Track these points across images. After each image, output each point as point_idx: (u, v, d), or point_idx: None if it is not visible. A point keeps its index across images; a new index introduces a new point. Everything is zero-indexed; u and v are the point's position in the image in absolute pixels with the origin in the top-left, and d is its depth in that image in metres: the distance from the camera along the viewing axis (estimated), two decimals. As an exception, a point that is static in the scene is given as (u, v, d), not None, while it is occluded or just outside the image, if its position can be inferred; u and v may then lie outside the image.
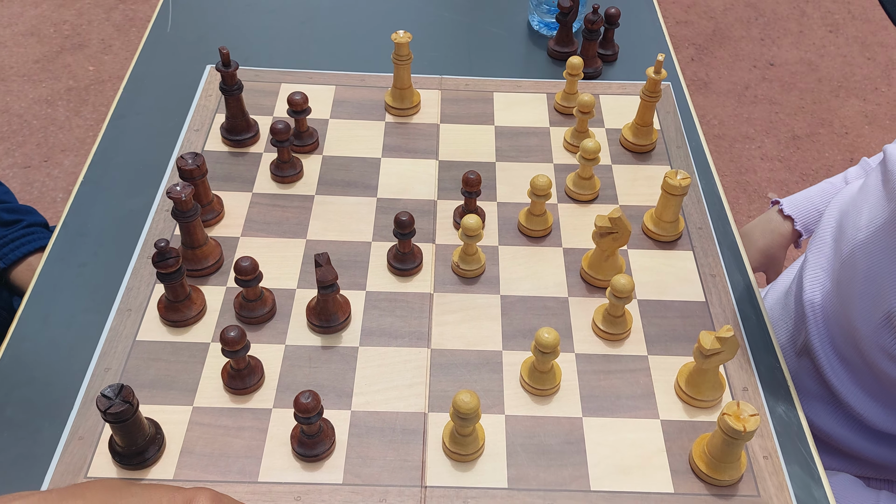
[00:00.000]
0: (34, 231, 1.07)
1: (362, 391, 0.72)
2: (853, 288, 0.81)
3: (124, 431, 0.63)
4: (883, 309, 0.77)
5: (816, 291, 0.88)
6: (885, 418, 0.84)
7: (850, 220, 0.85)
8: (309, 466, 0.67)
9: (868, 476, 0.91)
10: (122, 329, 0.75)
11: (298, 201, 0.88)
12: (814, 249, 0.91)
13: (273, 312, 0.77)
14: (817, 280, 0.88)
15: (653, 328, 0.78)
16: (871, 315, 0.78)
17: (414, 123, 0.98)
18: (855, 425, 0.88)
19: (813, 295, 0.89)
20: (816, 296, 0.88)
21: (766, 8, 2.78)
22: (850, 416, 0.87)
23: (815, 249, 0.90)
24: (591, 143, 0.85)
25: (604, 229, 0.77)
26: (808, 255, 0.92)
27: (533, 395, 0.72)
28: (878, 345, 0.78)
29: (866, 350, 0.80)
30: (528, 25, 1.16)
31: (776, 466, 0.68)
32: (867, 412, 0.84)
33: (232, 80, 0.88)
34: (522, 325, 0.78)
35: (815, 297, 0.88)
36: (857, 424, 0.88)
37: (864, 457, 0.89)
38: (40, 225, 1.09)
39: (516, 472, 0.67)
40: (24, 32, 2.47)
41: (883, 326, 0.77)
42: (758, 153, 2.26)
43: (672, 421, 0.71)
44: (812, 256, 0.90)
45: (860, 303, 0.80)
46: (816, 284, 0.88)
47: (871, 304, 0.78)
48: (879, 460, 0.88)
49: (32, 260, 1.05)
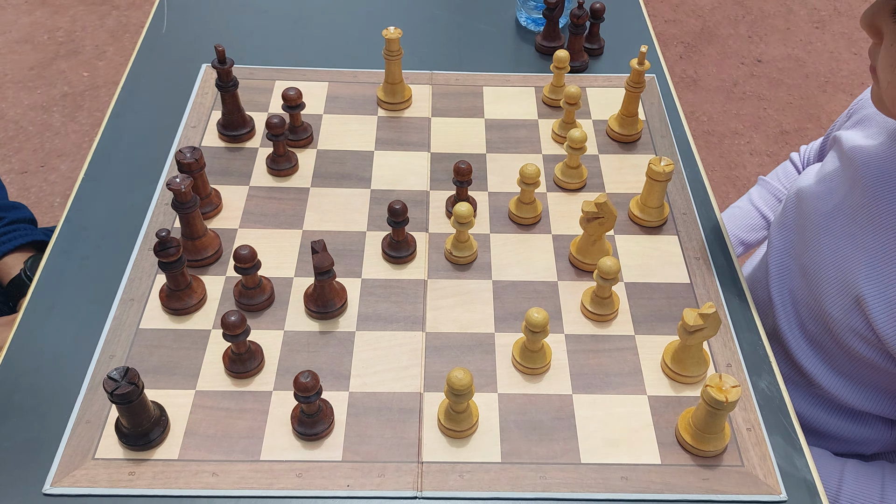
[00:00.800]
0: (16, 228, 1.07)
1: (359, 373, 0.74)
2: (821, 273, 0.83)
3: (130, 413, 0.66)
4: (851, 293, 0.79)
5: (784, 277, 0.90)
6: (859, 397, 0.86)
7: (812, 206, 0.87)
8: (309, 445, 0.69)
9: (842, 452, 0.93)
10: (126, 318, 0.78)
11: (294, 193, 0.91)
12: (778, 236, 0.93)
13: (272, 300, 0.80)
14: (784, 265, 0.90)
15: (639, 309, 0.81)
16: (840, 299, 0.81)
17: (406, 117, 1.01)
18: (827, 406, 0.90)
19: (781, 280, 0.91)
20: (784, 281, 0.90)
21: (753, 5, 2.82)
22: (822, 397, 0.89)
23: (780, 236, 0.92)
24: (578, 133, 0.88)
25: (590, 214, 0.80)
26: (771, 241, 0.94)
27: (524, 374, 0.75)
28: (850, 327, 0.80)
29: (838, 332, 0.82)
30: (516, 21, 1.18)
31: (759, 437, 0.71)
32: (841, 392, 0.86)
33: (228, 77, 0.91)
34: (514, 308, 0.80)
35: (782, 283, 0.91)
36: (830, 405, 0.90)
37: (837, 435, 0.91)
38: (26, 221, 1.10)
39: (509, 446, 0.69)
40: (19, 39, 2.49)
41: (852, 309, 0.79)
42: (746, 148, 2.29)
43: (658, 396, 0.74)
44: (777, 242, 0.92)
45: (828, 287, 0.82)
46: (784, 270, 0.90)
47: (840, 289, 0.81)
48: (852, 437, 0.91)
49: (15, 256, 1.06)
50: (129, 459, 0.67)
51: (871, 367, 0.82)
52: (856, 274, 0.79)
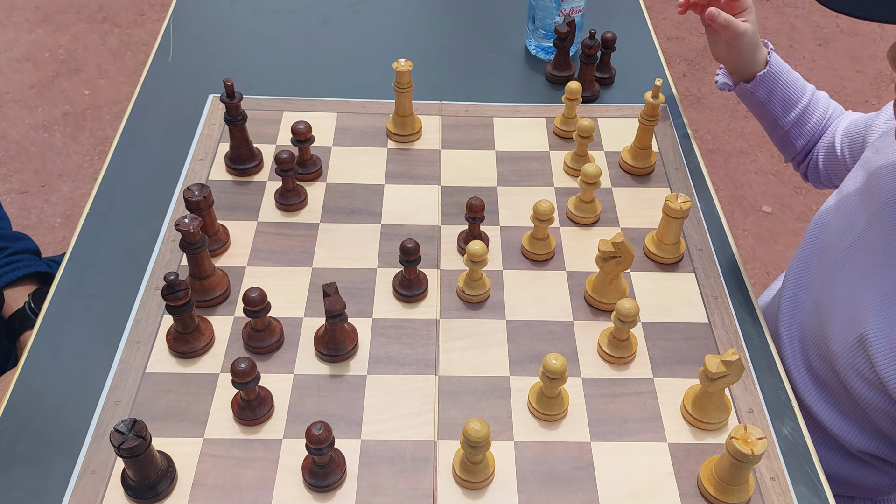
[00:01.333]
0: (19, 259, 1.06)
1: (372, 420, 0.73)
2: (832, 310, 0.81)
3: (137, 466, 0.64)
4: (856, 331, 0.77)
5: (796, 313, 0.89)
6: (861, 439, 0.84)
7: (832, 242, 0.85)
8: (321, 497, 0.67)
9: (847, 495, 0.91)
10: (132, 361, 0.76)
11: (303, 229, 0.89)
12: (795, 270, 0.91)
13: (281, 342, 0.78)
14: (798, 300, 0.89)
15: (657, 351, 0.79)
16: (845, 337, 0.79)
17: (416, 150, 0.99)
18: (831, 446, 0.88)
19: (792, 315, 0.89)
20: (796, 317, 0.89)
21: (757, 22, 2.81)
22: (826, 437, 0.88)
23: (797, 270, 0.91)
24: (593, 168, 0.86)
25: (607, 254, 0.78)
26: (787, 276, 0.92)
27: (541, 421, 0.73)
28: (852, 366, 0.78)
29: (841, 371, 0.80)
30: (526, 50, 1.17)
31: (783, 487, 0.69)
32: (843, 434, 0.84)
33: (236, 111, 0.89)
34: (529, 350, 0.78)
35: (793, 318, 0.89)
36: (834, 445, 0.88)
37: (841, 477, 0.89)
38: (30, 252, 1.08)
39: (527, 498, 0.67)
40: (20, 58, 2.48)
41: (855, 348, 0.78)
42: (752, 167, 2.28)
43: (679, 444, 0.72)
44: (793, 277, 0.91)
45: (837, 325, 0.80)
46: (797, 305, 0.89)
47: (847, 326, 0.79)
48: (856, 481, 0.88)
49: (19, 289, 1.04)
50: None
51: (874, 409, 0.80)
52: (864, 312, 0.77)
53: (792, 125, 1.02)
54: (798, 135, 1.03)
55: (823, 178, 1.04)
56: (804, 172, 1.07)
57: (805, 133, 1.02)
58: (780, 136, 1.05)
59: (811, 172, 1.05)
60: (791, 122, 1.02)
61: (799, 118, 1.01)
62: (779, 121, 1.02)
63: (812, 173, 1.05)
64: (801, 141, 1.03)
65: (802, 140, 1.03)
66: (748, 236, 2.08)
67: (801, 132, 1.02)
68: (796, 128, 1.02)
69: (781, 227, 2.10)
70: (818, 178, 1.05)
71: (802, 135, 1.03)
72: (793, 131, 1.03)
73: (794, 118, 1.01)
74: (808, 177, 1.07)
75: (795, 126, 1.02)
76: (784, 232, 2.09)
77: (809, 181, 1.07)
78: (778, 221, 2.12)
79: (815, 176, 1.05)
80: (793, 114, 1.01)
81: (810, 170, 1.05)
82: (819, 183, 1.05)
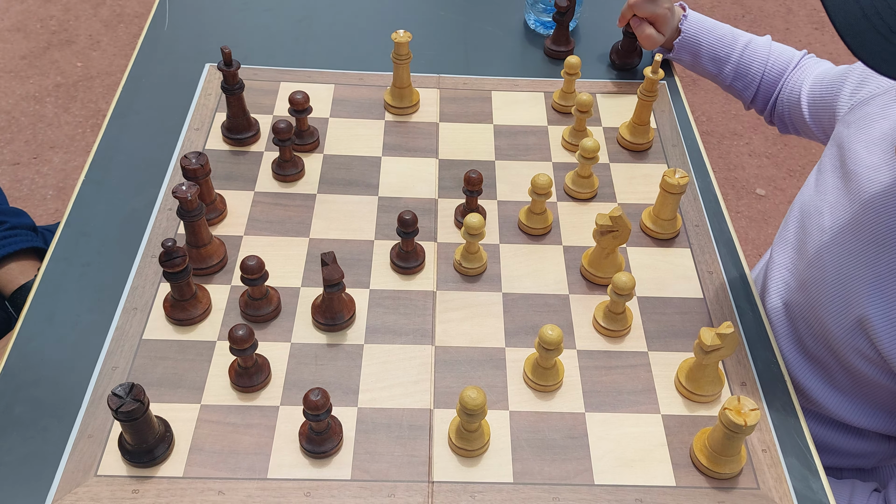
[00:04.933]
0: (16, 234, 1.06)
1: (368, 388, 0.73)
2: (822, 290, 0.82)
3: (135, 430, 0.64)
4: (854, 313, 0.78)
5: (782, 292, 0.89)
6: (857, 413, 0.85)
7: (814, 222, 0.86)
8: (317, 463, 0.68)
9: (840, 466, 0.92)
10: (129, 328, 0.76)
11: (300, 200, 0.89)
12: (778, 249, 0.91)
13: (278, 311, 0.78)
14: (783, 280, 0.89)
15: (652, 324, 0.80)
16: (842, 318, 0.79)
17: (413, 122, 0.99)
18: (825, 421, 0.89)
19: (777, 295, 0.89)
20: (782, 296, 0.89)
21: (753, 5, 2.80)
22: (819, 413, 0.88)
23: (780, 249, 0.91)
24: (591, 143, 0.86)
25: (605, 227, 0.78)
26: (773, 255, 0.92)
27: (536, 391, 0.73)
28: (852, 347, 0.79)
29: (840, 350, 0.81)
30: (525, 24, 1.17)
31: (774, 459, 0.70)
32: (837, 409, 0.85)
33: (234, 80, 0.89)
34: (525, 322, 0.79)
35: (779, 298, 0.89)
36: (827, 420, 0.89)
37: (836, 448, 0.90)
38: (26, 227, 1.08)
39: (521, 466, 0.68)
40: (10, 28, 2.45)
41: (855, 329, 0.78)
42: (746, 150, 2.29)
43: (672, 415, 0.72)
44: (777, 257, 0.91)
45: (831, 305, 0.81)
46: (781, 284, 0.89)
47: (843, 307, 0.79)
48: (850, 450, 0.90)
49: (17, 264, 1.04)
50: (132, 477, 0.66)
51: (872, 385, 0.81)
52: (859, 293, 0.77)
53: (732, 79, 1.06)
54: (743, 86, 1.07)
55: (790, 128, 1.07)
56: (768, 119, 1.10)
57: (750, 83, 1.06)
58: (726, 88, 1.09)
59: (777, 121, 1.09)
60: (729, 76, 1.06)
61: (736, 71, 1.05)
62: (717, 77, 1.07)
63: (778, 122, 1.08)
64: (748, 91, 1.07)
65: (751, 89, 1.07)
66: (741, 218, 2.09)
67: (746, 83, 1.06)
68: (738, 80, 1.06)
69: (774, 209, 2.11)
70: (784, 127, 1.08)
71: (748, 85, 1.06)
72: (735, 84, 1.07)
73: (731, 72, 1.06)
74: (773, 123, 1.10)
75: (736, 79, 1.06)
76: (777, 214, 2.10)
77: (775, 126, 1.10)
78: (770, 204, 2.13)
79: (780, 125, 1.08)
80: (727, 68, 1.05)
81: (776, 118, 1.08)
82: (785, 131, 1.09)
